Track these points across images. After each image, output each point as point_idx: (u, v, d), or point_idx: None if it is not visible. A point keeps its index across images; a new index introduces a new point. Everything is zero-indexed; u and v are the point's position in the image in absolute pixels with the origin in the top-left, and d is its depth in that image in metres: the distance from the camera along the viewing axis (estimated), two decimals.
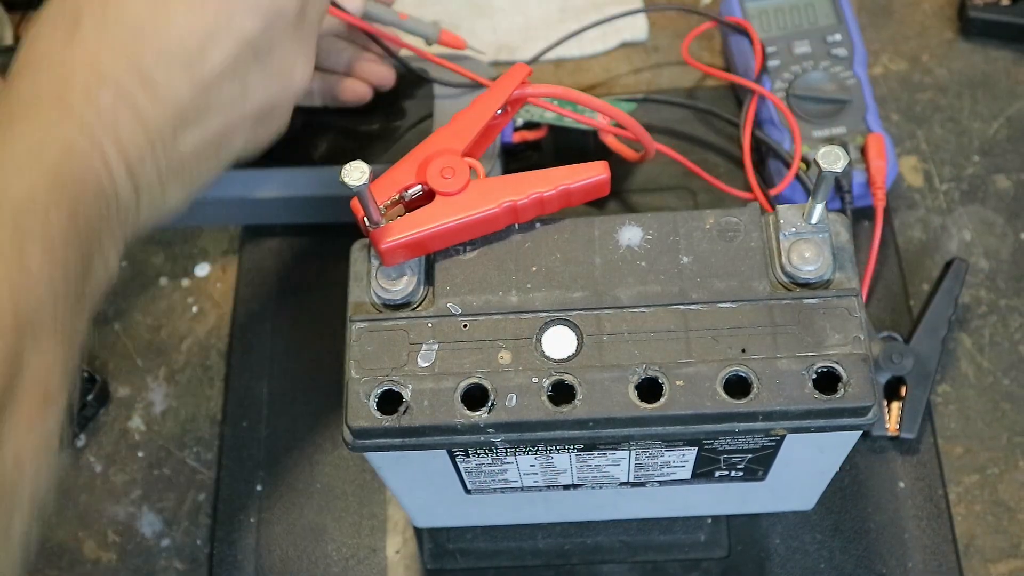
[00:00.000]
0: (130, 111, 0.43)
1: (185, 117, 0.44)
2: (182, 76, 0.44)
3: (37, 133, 0.41)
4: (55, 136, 0.41)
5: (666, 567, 0.59)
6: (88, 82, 0.42)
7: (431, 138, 0.49)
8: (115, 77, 0.42)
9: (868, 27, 0.73)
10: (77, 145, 0.41)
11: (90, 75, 0.42)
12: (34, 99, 0.42)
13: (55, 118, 0.41)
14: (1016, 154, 0.68)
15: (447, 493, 0.53)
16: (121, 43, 0.43)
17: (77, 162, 0.41)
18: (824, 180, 0.44)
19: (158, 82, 0.43)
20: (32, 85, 0.42)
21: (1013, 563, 0.58)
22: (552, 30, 0.74)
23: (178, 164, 0.45)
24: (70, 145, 0.41)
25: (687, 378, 0.44)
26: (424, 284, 0.47)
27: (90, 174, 0.41)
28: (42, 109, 0.41)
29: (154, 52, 0.43)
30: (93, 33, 0.43)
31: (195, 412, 0.64)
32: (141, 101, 0.43)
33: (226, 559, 0.60)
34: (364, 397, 0.44)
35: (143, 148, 0.43)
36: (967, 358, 0.63)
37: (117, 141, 0.42)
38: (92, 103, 0.42)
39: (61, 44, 0.43)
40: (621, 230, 0.47)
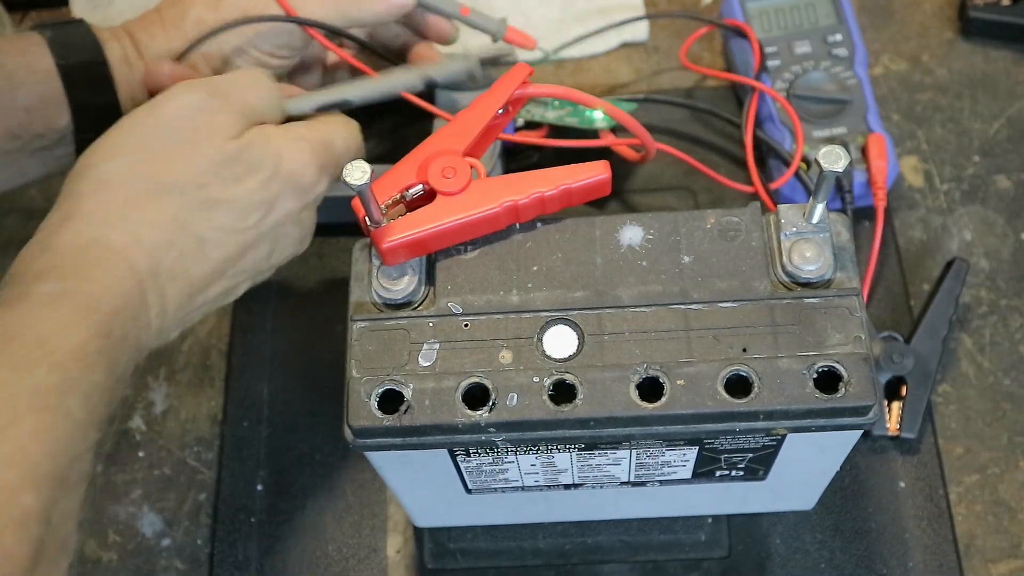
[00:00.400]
0: (182, 272, 0.47)
1: (224, 273, 0.49)
2: (235, 244, 0.49)
3: (100, 287, 0.43)
4: (115, 292, 0.44)
5: (666, 567, 0.59)
6: (156, 245, 0.46)
7: (432, 138, 0.49)
8: (180, 244, 0.47)
9: (868, 27, 0.73)
10: (132, 301, 0.44)
11: (159, 240, 0.46)
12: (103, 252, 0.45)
13: (120, 275, 0.44)
14: (1016, 154, 0.68)
15: (448, 493, 0.53)
16: (193, 213, 0.47)
17: (127, 316, 0.44)
18: (825, 180, 0.44)
19: (212, 248, 0.48)
20: (103, 236, 0.45)
21: (1013, 563, 0.58)
22: (552, 30, 0.74)
23: (201, 306, 0.49)
24: (125, 302, 0.44)
25: (688, 377, 0.44)
26: (425, 284, 0.47)
27: (133, 325, 0.45)
28: (109, 264, 0.44)
29: (218, 224, 0.48)
30: (170, 200, 0.47)
31: (195, 412, 0.64)
32: (194, 264, 0.47)
33: (226, 559, 0.60)
34: (365, 396, 0.44)
35: (182, 301, 0.48)
36: (968, 358, 0.63)
37: (163, 295, 0.46)
38: (154, 265, 0.46)
39: (135, 203, 0.46)
40: (622, 230, 0.47)
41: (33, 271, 0.44)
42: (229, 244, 0.48)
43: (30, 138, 0.54)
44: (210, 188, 0.47)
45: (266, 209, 0.49)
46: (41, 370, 0.40)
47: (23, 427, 0.39)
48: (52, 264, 0.44)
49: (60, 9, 0.78)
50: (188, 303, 0.48)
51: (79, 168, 0.48)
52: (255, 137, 0.49)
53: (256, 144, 0.49)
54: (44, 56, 0.54)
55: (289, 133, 0.51)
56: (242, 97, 0.50)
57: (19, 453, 0.38)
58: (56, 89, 0.54)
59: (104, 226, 0.45)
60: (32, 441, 0.39)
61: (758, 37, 0.67)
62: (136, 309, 0.45)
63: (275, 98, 0.52)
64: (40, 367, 0.40)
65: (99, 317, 0.43)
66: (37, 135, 0.54)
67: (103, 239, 0.45)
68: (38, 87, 0.54)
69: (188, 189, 0.47)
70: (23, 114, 0.53)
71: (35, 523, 0.38)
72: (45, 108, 0.54)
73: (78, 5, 0.77)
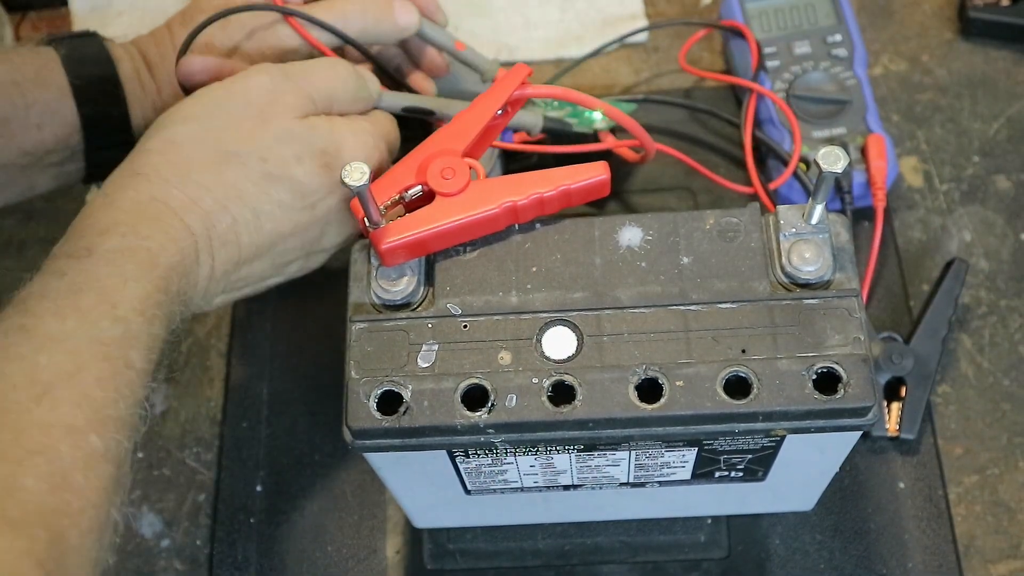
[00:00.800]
0: (234, 239, 0.48)
1: (270, 251, 0.50)
2: (284, 219, 0.49)
3: (158, 242, 0.45)
4: (172, 248, 0.45)
5: (666, 567, 0.59)
6: (213, 208, 0.47)
7: (431, 138, 0.49)
8: (236, 210, 0.48)
9: (868, 27, 0.73)
10: (188, 258, 0.46)
11: (217, 202, 0.47)
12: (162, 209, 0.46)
13: (178, 233, 0.46)
14: (1016, 154, 0.68)
15: (447, 493, 0.53)
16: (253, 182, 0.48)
17: (182, 273, 0.46)
18: (824, 180, 0.43)
19: (266, 221, 0.49)
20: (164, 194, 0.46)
21: (1013, 563, 0.58)
22: (552, 30, 0.74)
23: (244, 279, 0.51)
24: (182, 258, 0.46)
25: (687, 378, 0.44)
26: (424, 285, 0.47)
27: (187, 283, 0.46)
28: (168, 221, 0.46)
29: (276, 197, 0.49)
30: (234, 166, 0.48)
31: (195, 412, 0.64)
32: (245, 232, 0.48)
33: (226, 559, 0.60)
34: (364, 397, 0.44)
35: (228, 268, 0.49)
36: (967, 358, 0.63)
37: (213, 260, 0.48)
38: (209, 226, 0.47)
39: (200, 166, 0.48)
40: (621, 230, 0.47)
41: (98, 226, 0.45)
42: (282, 221, 0.49)
43: (41, 154, 0.55)
44: (270, 163, 0.48)
45: (323, 193, 0.50)
46: (105, 322, 0.42)
47: (88, 375, 0.41)
48: (115, 220, 0.45)
49: (59, 9, 0.78)
50: (234, 271, 0.49)
51: (153, 128, 0.49)
52: (319, 122, 0.50)
53: (320, 128, 0.50)
54: (57, 73, 0.55)
55: (353, 124, 0.51)
56: (312, 81, 0.51)
57: (85, 398, 0.41)
58: (68, 107, 0.55)
59: (166, 184, 0.47)
60: (96, 388, 0.41)
61: (757, 38, 0.67)
62: (189, 267, 0.46)
63: (352, 87, 0.52)
64: (104, 319, 0.42)
65: (159, 272, 0.45)
66: (48, 151, 0.55)
67: (163, 197, 0.46)
68: (51, 105, 0.55)
69: (249, 160, 0.48)
70: (35, 131, 0.54)
71: (102, 462, 0.40)
72: (57, 125, 0.55)
73: (77, 5, 0.77)
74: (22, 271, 0.42)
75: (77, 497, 0.39)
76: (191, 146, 0.48)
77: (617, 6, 0.74)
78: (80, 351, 0.41)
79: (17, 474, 0.38)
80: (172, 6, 0.59)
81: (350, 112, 0.53)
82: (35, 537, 0.37)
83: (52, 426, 0.40)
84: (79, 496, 0.39)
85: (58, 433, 0.40)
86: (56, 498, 0.38)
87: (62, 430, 0.40)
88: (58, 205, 0.71)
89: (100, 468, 0.40)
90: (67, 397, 0.40)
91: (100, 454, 0.40)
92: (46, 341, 0.41)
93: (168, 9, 0.59)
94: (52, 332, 0.41)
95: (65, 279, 0.43)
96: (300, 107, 0.50)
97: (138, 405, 0.43)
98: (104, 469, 0.41)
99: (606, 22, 0.74)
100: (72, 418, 0.40)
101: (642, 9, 0.74)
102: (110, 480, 0.41)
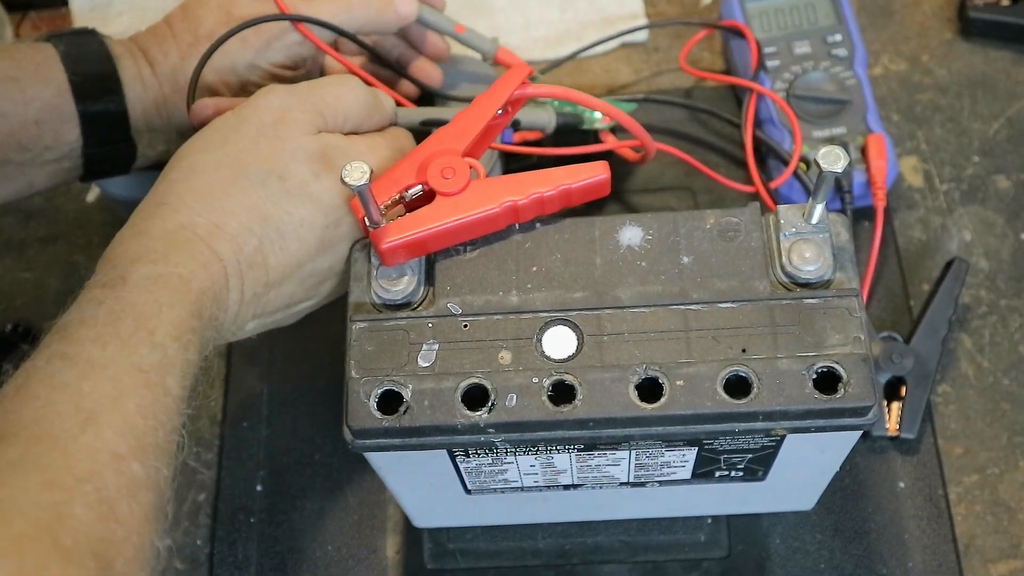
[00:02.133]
0: (261, 261, 0.48)
1: (298, 273, 0.50)
2: (314, 240, 0.49)
3: (188, 269, 0.45)
4: (202, 274, 0.46)
5: (666, 567, 0.59)
6: (239, 231, 0.47)
7: (431, 138, 0.49)
8: (260, 231, 0.48)
9: (868, 27, 0.73)
10: (217, 283, 0.46)
11: (242, 225, 0.47)
12: (190, 236, 0.46)
13: (206, 258, 0.46)
14: (1016, 154, 0.68)
15: (447, 493, 0.53)
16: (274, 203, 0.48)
17: (212, 297, 0.46)
18: (824, 180, 0.44)
19: (291, 241, 0.48)
20: (190, 221, 0.47)
21: (1013, 563, 0.58)
22: (552, 29, 0.74)
23: (272, 306, 0.50)
24: (211, 282, 0.46)
25: (687, 378, 0.44)
26: (424, 284, 0.47)
27: (218, 307, 0.46)
28: (196, 247, 0.46)
29: (299, 216, 0.48)
30: (253, 187, 0.48)
31: (195, 412, 0.64)
32: (272, 253, 0.48)
33: (226, 559, 0.60)
34: (364, 397, 0.44)
35: (258, 290, 0.48)
36: (967, 358, 0.63)
37: (242, 283, 0.47)
38: (236, 249, 0.47)
39: (221, 190, 0.48)
40: (621, 230, 0.47)
41: (129, 255, 0.45)
42: (307, 239, 0.49)
43: (39, 150, 0.55)
44: (289, 181, 0.48)
45: (347, 209, 0.49)
46: (144, 349, 0.42)
47: (130, 401, 0.41)
48: (146, 248, 0.45)
49: (59, 9, 0.78)
50: (264, 293, 0.49)
51: (174, 159, 0.50)
52: (333, 138, 0.50)
53: (336, 144, 0.50)
54: (56, 69, 0.55)
55: (369, 140, 0.52)
56: (322, 96, 0.51)
57: (127, 425, 0.41)
58: (67, 103, 0.55)
59: (190, 212, 0.47)
60: (137, 415, 0.41)
61: (757, 37, 0.67)
62: (219, 292, 0.46)
63: (363, 102, 0.52)
64: (142, 346, 0.42)
65: (191, 298, 0.45)
66: (46, 147, 0.55)
67: (190, 224, 0.46)
68: (50, 101, 0.54)
69: (269, 180, 0.48)
70: (34, 127, 0.54)
71: (144, 491, 0.41)
72: (55, 122, 0.55)
73: (77, 4, 0.77)
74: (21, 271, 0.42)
75: (122, 526, 0.39)
76: (211, 172, 0.48)
77: (617, 6, 0.74)
78: (121, 378, 0.42)
79: (68, 502, 0.38)
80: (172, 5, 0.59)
81: (366, 129, 0.53)
82: (86, 566, 0.37)
83: (98, 452, 0.40)
84: (124, 525, 0.39)
85: (104, 460, 0.40)
86: (103, 527, 0.39)
87: (107, 457, 0.40)
88: (57, 204, 0.71)
89: (142, 496, 0.40)
90: (111, 424, 0.40)
91: (142, 482, 0.40)
92: (88, 368, 0.41)
93: (168, 8, 0.59)
94: (94, 359, 0.41)
95: (103, 307, 0.43)
96: (311, 123, 0.50)
97: (175, 432, 0.43)
98: (146, 497, 0.41)
99: (606, 22, 0.74)
100: (116, 445, 0.40)
101: (642, 9, 0.74)
102: (151, 508, 0.41)
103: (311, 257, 0.49)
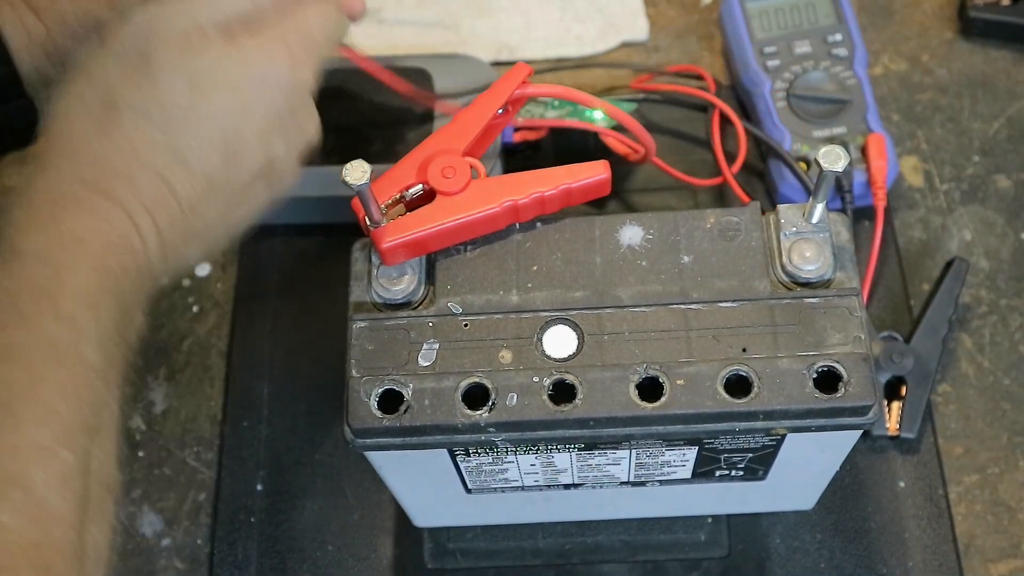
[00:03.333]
0: (166, 189, 0.44)
1: (214, 186, 0.46)
2: (215, 153, 0.45)
3: (83, 224, 0.42)
4: (100, 226, 0.42)
5: (666, 567, 0.59)
6: (129, 169, 0.43)
7: (432, 138, 0.49)
8: (154, 161, 0.44)
9: (868, 27, 0.73)
10: (119, 230, 0.42)
11: (130, 162, 0.43)
12: (77, 190, 0.42)
13: (100, 207, 0.42)
14: (1016, 154, 0.68)
15: (447, 492, 0.53)
16: (160, 129, 0.44)
17: (120, 247, 0.42)
18: (825, 180, 0.44)
19: (193, 161, 0.45)
20: (73, 175, 0.43)
21: (1013, 563, 0.58)
22: (552, 29, 0.74)
23: (203, 227, 0.46)
24: (113, 232, 0.42)
25: (688, 377, 0.44)
26: (425, 283, 0.47)
27: (130, 255, 0.43)
28: (86, 200, 0.42)
29: (192, 135, 0.45)
30: (131, 119, 0.44)
31: (195, 412, 0.64)
32: (177, 180, 0.44)
33: (226, 559, 0.60)
34: (365, 396, 0.44)
35: (175, 218, 0.45)
36: (967, 358, 0.63)
37: (152, 217, 0.44)
38: (133, 188, 0.43)
39: (98, 132, 0.44)
40: (622, 229, 0.47)
41: (15, 226, 0.42)
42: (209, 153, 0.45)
43: None
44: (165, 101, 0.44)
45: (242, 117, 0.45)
46: (50, 324, 0.39)
47: (47, 386, 0.38)
48: (32, 216, 0.42)
49: None
50: (184, 223, 0.45)
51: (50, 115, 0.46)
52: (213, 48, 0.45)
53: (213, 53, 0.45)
54: None
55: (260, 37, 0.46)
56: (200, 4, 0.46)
57: (48, 412, 0.38)
58: None
59: (73, 165, 0.43)
60: (58, 398, 0.38)
61: (757, 37, 0.67)
62: (127, 238, 0.43)
63: None
64: (48, 321, 0.39)
65: (94, 256, 0.41)
66: None
67: (75, 177, 0.43)
68: None
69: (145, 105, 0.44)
70: None
71: (76, 477, 0.38)
72: None
73: None
74: None
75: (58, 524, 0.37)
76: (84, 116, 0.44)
77: (617, 6, 0.74)
78: (32, 361, 0.38)
79: None
80: None
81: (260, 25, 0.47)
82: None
83: (19, 449, 0.37)
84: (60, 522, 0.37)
85: (27, 456, 0.37)
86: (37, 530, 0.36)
87: (31, 452, 0.37)
88: None
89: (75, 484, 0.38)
90: (30, 415, 0.38)
91: (72, 469, 0.38)
92: None
93: None
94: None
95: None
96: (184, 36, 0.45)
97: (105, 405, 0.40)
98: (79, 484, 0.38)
99: (606, 21, 0.74)
100: (39, 437, 0.37)
101: (642, 9, 0.74)
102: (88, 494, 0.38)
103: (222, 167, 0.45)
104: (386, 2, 0.74)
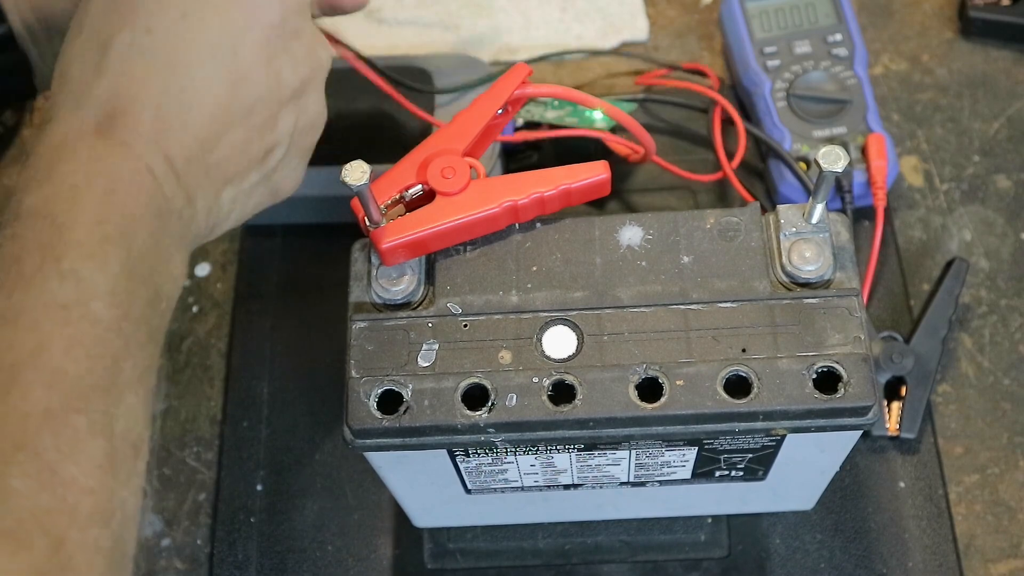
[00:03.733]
0: (173, 121, 0.43)
1: (226, 115, 0.44)
2: (217, 80, 0.44)
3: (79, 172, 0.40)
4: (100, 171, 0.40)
5: (666, 567, 0.59)
6: (128, 107, 0.42)
7: (431, 138, 0.49)
8: (153, 95, 0.42)
9: (868, 27, 0.73)
10: (123, 173, 0.41)
11: (128, 100, 0.42)
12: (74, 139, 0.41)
13: (99, 152, 0.41)
14: (1016, 154, 0.68)
15: (447, 493, 0.53)
16: (154, 63, 0.43)
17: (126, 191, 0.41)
18: (825, 180, 0.44)
19: (194, 90, 0.43)
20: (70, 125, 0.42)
21: (1013, 563, 0.58)
22: (552, 29, 0.74)
23: (225, 162, 0.45)
24: (116, 176, 0.41)
25: (687, 378, 0.44)
26: (424, 284, 0.47)
27: (141, 196, 0.41)
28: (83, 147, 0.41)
29: (189, 61, 0.43)
30: (125, 58, 0.43)
31: (195, 412, 0.64)
32: (180, 111, 0.43)
33: (226, 559, 0.60)
34: (364, 397, 0.44)
35: (190, 150, 0.43)
36: (967, 358, 0.63)
37: (162, 153, 0.42)
38: (134, 126, 0.42)
39: (94, 77, 0.42)
40: (621, 230, 0.47)
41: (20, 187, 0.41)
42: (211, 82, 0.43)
43: None
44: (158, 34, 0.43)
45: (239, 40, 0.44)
46: (53, 282, 0.38)
47: (54, 348, 0.37)
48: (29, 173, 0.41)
49: None
50: (202, 156, 0.43)
51: None
52: None
53: None
54: None
55: None
56: None
57: (56, 375, 0.37)
58: None
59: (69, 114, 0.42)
60: (67, 360, 0.37)
61: (757, 37, 0.67)
62: (135, 180, 0.41)
63: None
64: (50, 279, 0.38)
65: (94, 204, 0.40)
66: None
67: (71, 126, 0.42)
68: None
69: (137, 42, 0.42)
70: None
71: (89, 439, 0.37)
72: None
73: None
74: None
75: (71, 489, 0.36)
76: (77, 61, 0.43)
77: (617, 6, 0.74)
78: (38, 322, 0.37)
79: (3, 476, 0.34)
80: None
81: None
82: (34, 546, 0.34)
83: (28, 415, 0.36)
84: (73, 487, 0.36)
85: (36, 421, 0.36)
86: (49, 495, 0.35)
87: (40, 417, 0.36)
88: None
89: (91, 448, 0.36)
90: (37, 379, 0.36)
91: (86, 433, 0.37)
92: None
93: None
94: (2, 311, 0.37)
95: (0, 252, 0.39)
96: None
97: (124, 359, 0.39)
98: (96, 447, 0.37)
99: (606, 21, 0.74)
100: (48, 401, 0.36)
101: (642, 8, 0.74)
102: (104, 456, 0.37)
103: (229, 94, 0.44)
104: (386, 2, 0.74)
